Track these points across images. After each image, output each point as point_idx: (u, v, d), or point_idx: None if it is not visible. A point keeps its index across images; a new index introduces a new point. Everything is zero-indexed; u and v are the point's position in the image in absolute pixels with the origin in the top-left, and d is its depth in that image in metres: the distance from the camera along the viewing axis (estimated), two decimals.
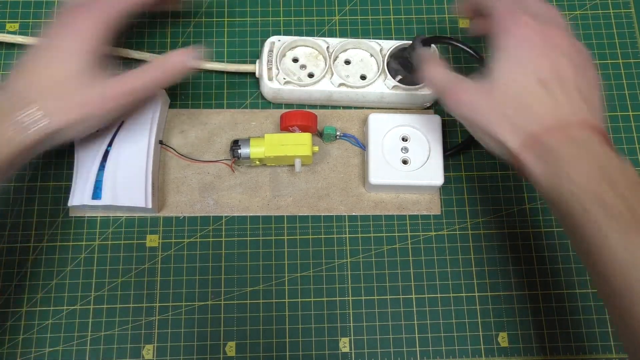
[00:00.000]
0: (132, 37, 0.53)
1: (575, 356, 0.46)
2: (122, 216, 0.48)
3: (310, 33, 0.53)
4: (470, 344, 0.46)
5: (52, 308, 0.45)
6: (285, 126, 0.47)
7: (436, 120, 0.48)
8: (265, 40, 0.50)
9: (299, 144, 0.46)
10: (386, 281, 0.47)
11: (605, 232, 0.32)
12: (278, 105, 0.51)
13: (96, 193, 0.45)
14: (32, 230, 0.47)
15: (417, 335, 0.46)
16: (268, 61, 0.49)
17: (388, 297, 0.46)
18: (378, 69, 0.49)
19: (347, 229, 0.48)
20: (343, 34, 0.53)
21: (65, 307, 0.45)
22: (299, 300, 0.46)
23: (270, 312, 0.46)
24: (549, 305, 0.47)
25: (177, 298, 0.46)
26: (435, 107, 0.51)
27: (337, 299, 0.46)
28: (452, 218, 0.49)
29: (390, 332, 0.46)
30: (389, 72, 0.49)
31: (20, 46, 0.52)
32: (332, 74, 0.49)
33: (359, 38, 0.51)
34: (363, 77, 0.50)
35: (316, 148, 0.47)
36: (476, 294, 0.47)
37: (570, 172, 0.34)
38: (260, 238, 0.48)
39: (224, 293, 0.46)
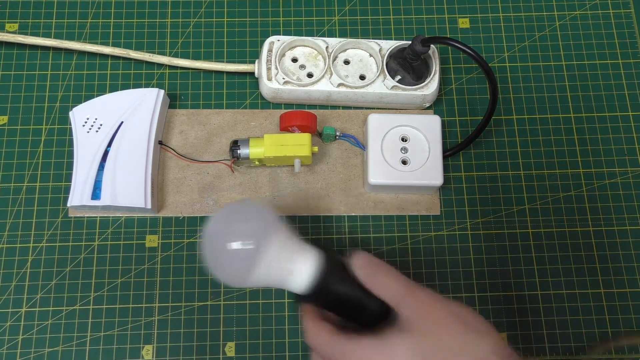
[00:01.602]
0: (132, 37, 0.53)
1: (574, 356, 0.46)
2: (122, 216, 0.48)
3: (309, 33, 0.53)
4: None
5: (51, 308, 0.45)
6: (284, 126, 0.47)
7: (436, 120, 0.48)
8: (265, 40, 0.50)
9: (299, 144, 0.45)
10: None
11: None
12: (277, 106, 0.51)
13: (95, 193, 0.45)
14: (32, 230, 0.47)
15: None
16: (267, 61, 0.49)
17: None
18: (377, 69, 0.49)
19: (346, 229, 0.48)
20: (343, 34, 0.53)
21: (64, 308, 0.45)
22: None
23: (270, 313, 0.46)
24: (549, 306, 0.47)
25: (177, 298, 0.46)
26: (435, 107, 0.51)
27: None
28: (452, 218, 0.49)
29: None
30: (388, 72, 0.49)
31: (20, 46, 0.52)
32: (332, 74, 0.49)
33: (358, 38, 0.51)
34: (362, 77, 0.50)
35: (315, 148, 0.47)
36: (476, 294, 0.47)
37: None
38: None
39: (224, 293, 0.46)
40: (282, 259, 0.35)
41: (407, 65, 0.48)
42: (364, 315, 0.35)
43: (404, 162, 0.47)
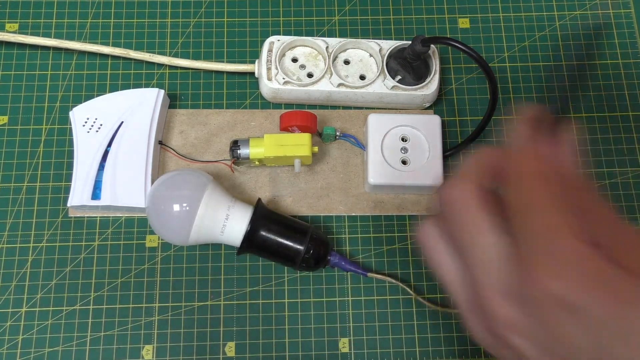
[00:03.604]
0: (132, 37, 0.53)
1: None
2: (122, 216, 0.48)
3: (309, 33, 0.53)
4: (469, 344, 0.45)
5: (51, 308, 0.45)
6: (284, 126, 0.47)
7: (435, 120, 0.48)
8: (265, 40, 0.50)
9: (299, 144, 0.45)
10: (386, 281, 0.47)
11: None
12: (277, 106, 0.51)
13: (95, 193, 0.45)
14: (32, 230, 0.47)
15: (416, 336, 0.46)
16: (267, 61, 0.49)
17: (387, 297, 0.46)
18: (377, 69, 0.49)
19: (346, 229, 0.48)
20: (343, 34, 0.53)
21: (64, 308, 0.45)
22: (299, 300, 0.46)
23: (270, 313, 0.46)
24: None
25: (177, 298, 0.46)
26: (435, 107, 0.51)
27: (337, 299, 0.46)
28: None
29: (390, 332, 0.46)
30: (389, 72, 0.49)
31: (20, 46, 0.52)
32: (332, 74, 0.49)
33: (358, 38, 0.51)
34: (362, 77, 0.50)
35: (315, 148, 0.47)
36: None
37: None
38: None
39: (224, 293, 0.46)
40: (215, 216, 0.42)
41: (407, 65, 0.48)
42: (298, 256, 0.42)
43: (404, 162, 0.47)
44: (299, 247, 0.43)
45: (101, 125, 0.47)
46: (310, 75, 0.50)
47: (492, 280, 0.24)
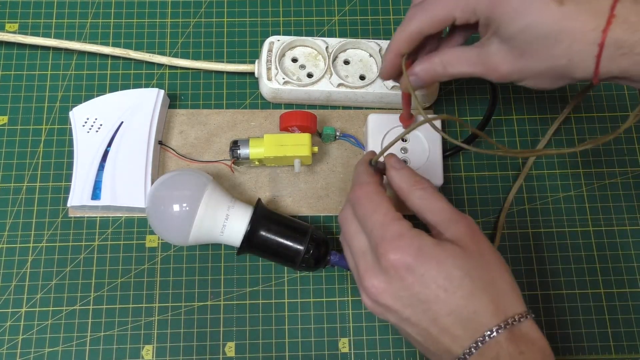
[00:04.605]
0: (132, 37, 0.53)
1: (574, 356, 0.46)
2: (122, 216, 0.48)
3: (309, 33, 0.53)
4: None
5: (51, 308, 0.45)
6: (284, 126, 0.47)
7: (435, 120, 0.47)
8: (265, 40, 0.50)
9: (299, 144, 0.45)
10: None
11: None
12: (277, 106, 0.51)
13: (95, 193, 0.45)
14: (32, 230, 0.47)
15: None
16: (267, 61, 0.49)
17: None
18: (377, 69, 0.49)
19: None
20: (342, 34, 0.53)
21: (64, 308, 0.45)
22: (299, 300, 0.46)
23: (270, 313, 0.46)
24: (549, 306, 0.47)
25: (177, 298, 0.46)
26: (435, 107, 0.51)
27: (337, 299, 0.46)
28: None
29: (390, 332, 0.46)
30: None
31: (20, 46, 0.52)
32: (331, 74, 0.49)
33: (358, 38, 0.51)
34: (362, 77, 0.50)
35: (315, 148, 0.47)
36: None
37: None
38: None
39: (224, 293, 0.46)
40: (215, 216, 0.42)
41: None
42: (298, 257, 0.42)
43: (404, 162, 0.47)
44: (298, 247, 0.43)
45: (101, 125, 0.47)
46: (310, 75, 0.50)
47: (363, 262, 0.35)
